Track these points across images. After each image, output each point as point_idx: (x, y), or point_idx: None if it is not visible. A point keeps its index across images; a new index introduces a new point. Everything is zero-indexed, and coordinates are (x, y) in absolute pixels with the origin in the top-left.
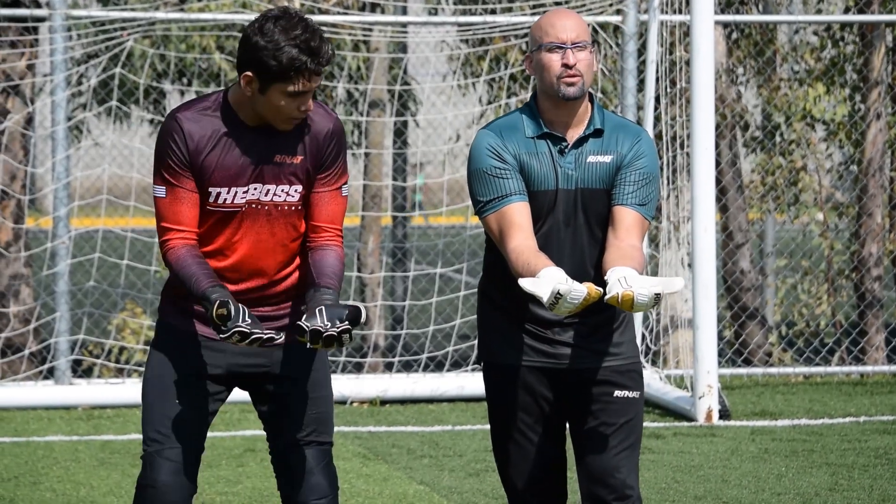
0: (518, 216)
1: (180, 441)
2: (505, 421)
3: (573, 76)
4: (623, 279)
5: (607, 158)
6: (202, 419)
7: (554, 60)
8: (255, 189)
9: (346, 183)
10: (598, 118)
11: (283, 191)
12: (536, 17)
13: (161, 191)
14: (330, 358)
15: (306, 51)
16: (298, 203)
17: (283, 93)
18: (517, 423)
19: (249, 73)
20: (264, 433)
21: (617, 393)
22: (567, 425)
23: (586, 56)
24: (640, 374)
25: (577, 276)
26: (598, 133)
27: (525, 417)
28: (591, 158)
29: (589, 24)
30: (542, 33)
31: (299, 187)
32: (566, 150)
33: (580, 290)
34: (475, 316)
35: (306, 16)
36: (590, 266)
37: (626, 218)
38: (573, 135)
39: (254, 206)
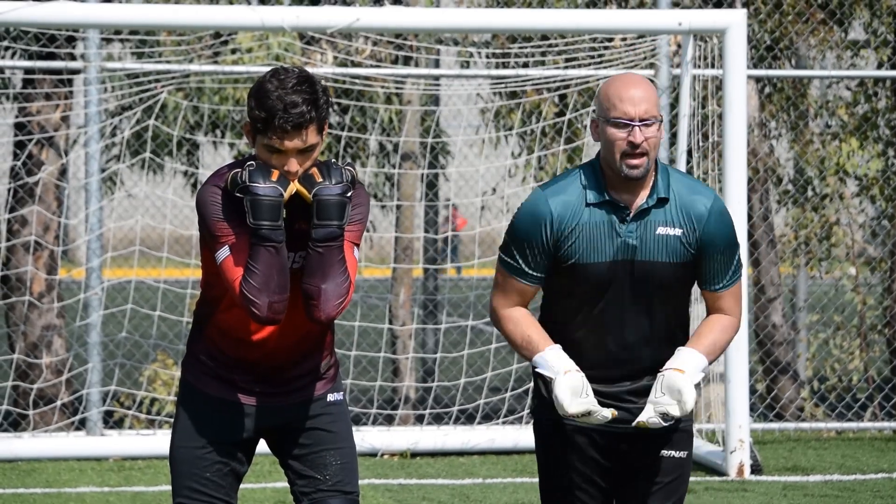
0: (524, 293)
1: (213, 501)
2: (555, 478)
3: (639, 156)
4: (657, 399)
5: (676, 231)
6: (231, 485)
7: (619, 137)
8: None
9: (357, 244)
10: (661, 185)
11: (301, 257)
12: (568, 70)
13: (224, 251)
14: (360, 410)
15: (281, 106)
16: None
17: (265, 147)
18: (569, 482)
19: (247, 124)
20: None
21: (664, 452)
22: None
23: (654, 133)
24: (690, 435)
25: (632, 348)
26: (661, 202)
27: (576, 478)
28: (659, 230)
29: None
30: (609, 104)
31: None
32: (627, 220)
33: (605, 415)
34: (506, 369)
35: (313, 75)
36: (645, 339)
37: (719, 300)
38: (636, 202)
39: None
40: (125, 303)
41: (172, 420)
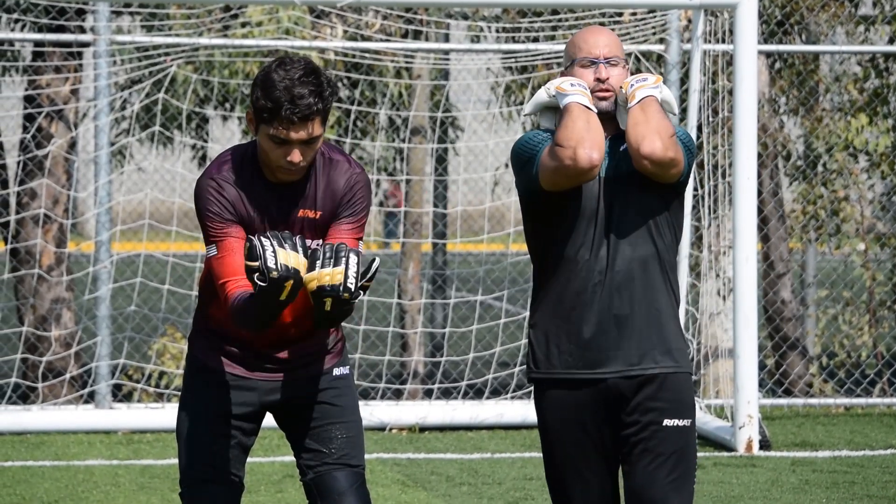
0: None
1: (221, 481)
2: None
3: (606, 90)
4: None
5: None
6: (238, 458)
7: (587, 75)
8: None
9: (360, 237)
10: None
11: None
12: None
13: (212, 249)
14: (369, 384)
15: (288, 97)
16: None
17: (268, 136)
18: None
19: (250, 111)
20: None
21: (666, 422)
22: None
23: (619, 72)
24: (692, 403)
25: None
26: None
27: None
28: (623, 147)
29: (631, 53)
30: (575, 49)
31: (320, 241)
32: (614, 151)
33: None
34: (515, 344)
35: (318, 66)
36: (643, 298)
37: None
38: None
39: None
40: (134, 276)
41: (180, 394)
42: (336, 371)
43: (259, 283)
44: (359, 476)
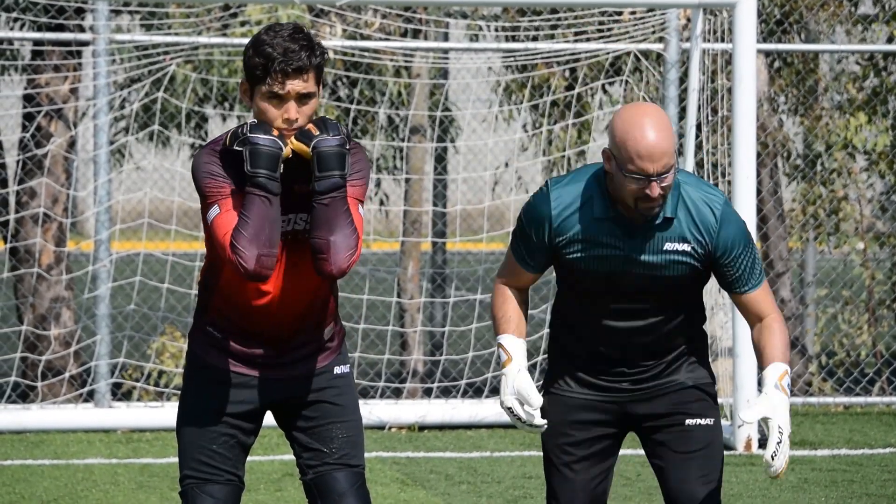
0: (524, 279)
1: (221, 481)
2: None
3: (654, 201)
4: (777, 435)
5: (685, 247)
6: (238, 457)
7: (634, 189)
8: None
9: (360, 200)
10: (669, 203)
11: (302, 219)
12: (577, 44)
13: (214, 209)
14: (368, 383)
15: (280, 51)
16: None
17: (263, 95)
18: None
19: (244, 82)
20: None
21: (688, 421)
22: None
23: (670, 179)
24: (714, 402)
25: (633, 345)
26: (668, 221)
27: (576, 451)
28: (667, 246)
29: (630, 53)
30: (626, 156)
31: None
32: (633, 236)
33: (537, 424)
34: None
35: (303, 27)
36: (649, 335)
37: (752, 302)
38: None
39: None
40: (133, 275)
41: (180, 393)
42: (336, 370)
43: (241, 146)
44: (359, 476)
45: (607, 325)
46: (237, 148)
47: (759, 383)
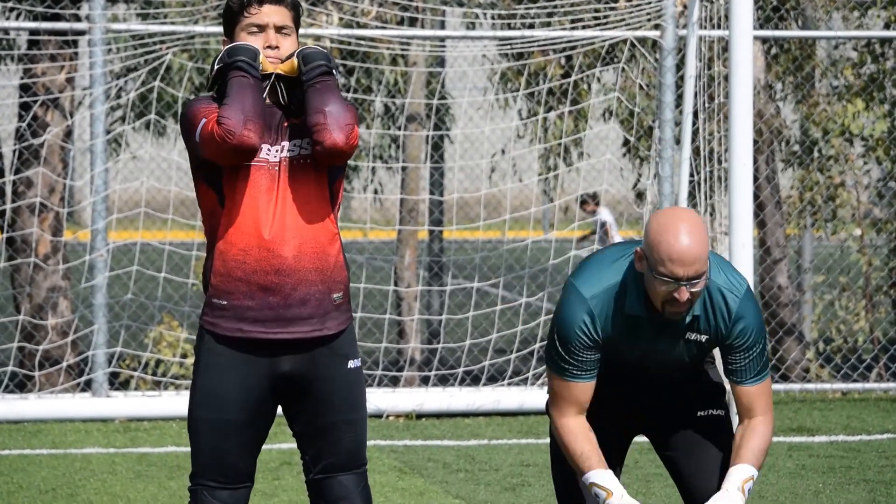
0: (581, 395)
1: (232, 486)
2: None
3: (681, 309)
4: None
5: (702, 338)
6: (252, 451)
7: (663, 291)
8: (270, 149)
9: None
10: (697, 304)
11: (296, 144)
12: (574, 31)
13: (203, 122)
14: (366, 372)
15: None
16: (311, 158)
17: (244, 29)
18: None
19: (224, 38)
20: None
21: (700, 413)
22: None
23: (701, 285)
24: (722, 392)
25: (649, 400)
26: (694, 318)
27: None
28: (687, 335)
29: (627, 40)
30: (658, 258)
31: (306, 140)
32: (660, 329)
33: None
34: (511, 330)
35: None
36: (663, 395)
37: (747, 396)
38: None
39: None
40: (130, 264)
41: (178, 382)
42: (350, 364)
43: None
44: (363, 477)
45: (626, 389)
46: (217, 65)
47: (722, 479)
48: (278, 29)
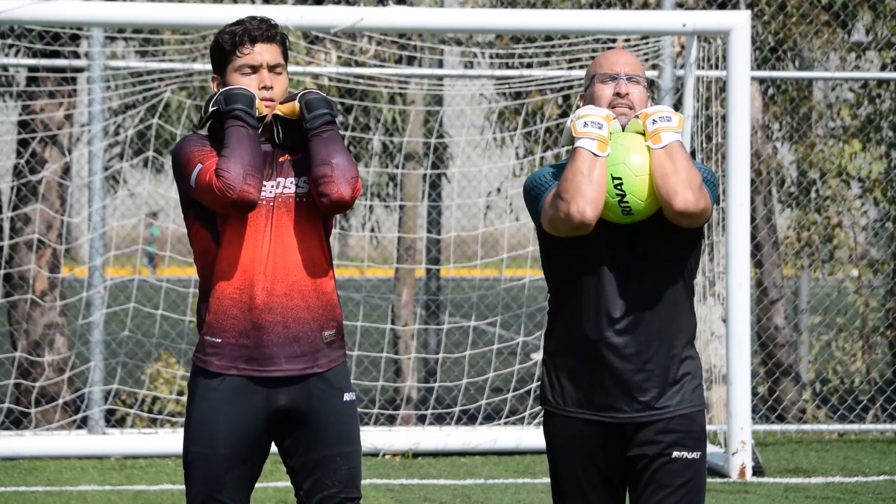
0: None
1: None
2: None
3: (625, 106)
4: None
5: None
6: (246, 488)
7: (606, 90)
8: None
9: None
10: None
11: (290, 182)
12: (571, 71)
13: (198, 168)
14: (363, 410)
15: (246, 22)
16: (305, 196)
17: (238, 71)
18: (573, 469)
19: (215, 75)
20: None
21: (675, 454)
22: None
23: (640, 91)
24: (703, 436)
25: (630, 315)
26: None
27: (579, 465)
28: None
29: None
30: (596, 66)
31: (302, 178)
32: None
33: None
34: (508, 369)
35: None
36: (643, 303)
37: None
38: None
39: (268, 202)
40: (127, 301)
41: (175, 420)
42: (346, 396)
43: (215, 105)
44: None
45: (605, 283)
46: (212, 108)
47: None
48: (271, 68)
